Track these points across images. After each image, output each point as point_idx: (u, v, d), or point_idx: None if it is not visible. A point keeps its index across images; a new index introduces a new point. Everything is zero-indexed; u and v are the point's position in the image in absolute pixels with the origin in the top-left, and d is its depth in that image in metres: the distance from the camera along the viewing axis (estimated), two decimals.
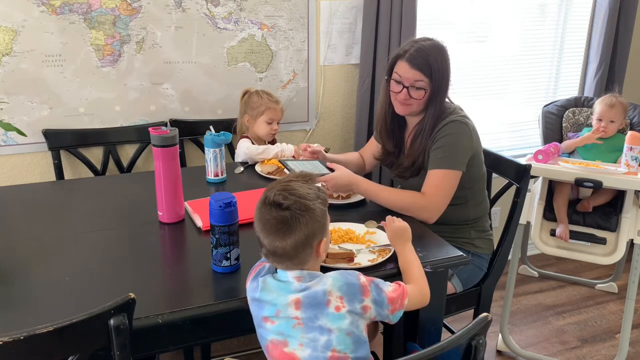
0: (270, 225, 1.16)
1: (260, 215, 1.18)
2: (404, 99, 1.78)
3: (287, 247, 1.15)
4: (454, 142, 1.76)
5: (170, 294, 1.31)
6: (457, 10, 2.75)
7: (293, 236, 1.14)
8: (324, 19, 2.47)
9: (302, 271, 1.18)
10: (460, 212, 1.88)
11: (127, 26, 2.21)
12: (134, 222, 1.67)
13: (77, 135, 2.25)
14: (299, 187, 1.19)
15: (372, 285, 1.19)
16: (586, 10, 2.99)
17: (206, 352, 2.22)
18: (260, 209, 1.19)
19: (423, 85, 1.75)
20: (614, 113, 2.38)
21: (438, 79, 1.76)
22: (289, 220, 1.14)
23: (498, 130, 3.07)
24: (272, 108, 2.26)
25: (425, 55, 1.74)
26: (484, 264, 1.95)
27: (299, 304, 1.14)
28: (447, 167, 1.74)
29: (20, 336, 0.93)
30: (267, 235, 1.16)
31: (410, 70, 1.75)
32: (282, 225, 1.15)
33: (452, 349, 1.02)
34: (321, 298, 1.14)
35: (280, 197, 1.16)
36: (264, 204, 1.18)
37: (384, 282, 1.23)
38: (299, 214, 1.15)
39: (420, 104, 1.79)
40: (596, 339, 2.50)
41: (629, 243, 2.29)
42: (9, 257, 1.44)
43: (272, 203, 1.16)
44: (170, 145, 1.60)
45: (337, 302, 1.14)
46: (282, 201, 1.15)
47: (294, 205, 1.15)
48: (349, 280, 1.16)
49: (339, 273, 1.19)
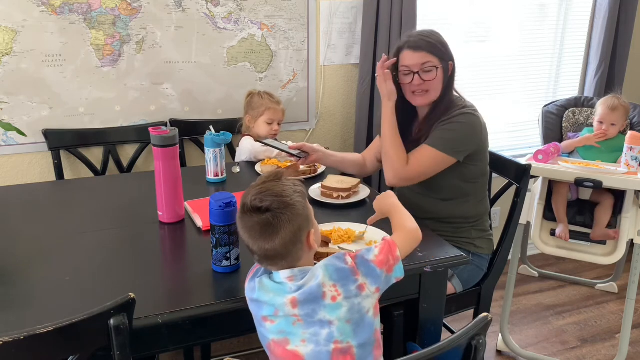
0: (255, 231, 1.14)
1: (243, 224, 1.17)
2: (418, 85, 1.78)
3: (277, 247, 1.13)
4: (459, 130, 1.76)
5: (170, 294, 1.31)
6: (457, 10, 2.75)
7: (280, 235, 1.13)
8: (324, 19, 2.47)
9: (293, 270, 1.16)
10: (462, 207, 1.88)
11: (127, 26, 2.21)
12: (134, 222, 1.67)
13: (77, 135, 2.25)
14: (273, 186, 1.17)
15: (358, 260, 1.17)
16: (586, 10, 2.99)
17: (206, 352, 2.22)
18: (241, 218, 1.17)
19: (432, 65, 1.77)
20: (616, 116, 2.37)
21: (445, 55, 1.79)
22: (271, 222, 1.13)
23: (498, 130, 3.07)
24: (272, 109, 2.26)
25: (424, 36, 1.79)
26: (484, 264, 1.95)
27: (295, 303, 1.13)
28: (440, 148, 1.75)
29: (20, 336, 0.93)
30: (255, 241, 1.15)
31: (415, 55, 1.77)
32: (267, 227, 1.13)
33: (452, 349, 1.02)
34: (317, 292, 1.12)
35: (257, 200, 1.14)
36: (244, 212, 1.16)
37: (369, 249, 1.20)
38: (280, 212, 1.13)
39: (436, 87, 1.80)
40: (596, 339, 2.50)
41: (629, 243, 2.29)
42: (9, 257, 1.44)
43: (251, 209, 1.15)
44: (170, 145, 1.60)
45: (332, 291, 1.13)
46: (260, 204, 1.14)
47: (273, 205, 1.13)
48: (338, 266, 1.15)
49: (328, 260, 1.17)
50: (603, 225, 2.29)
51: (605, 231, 2.28)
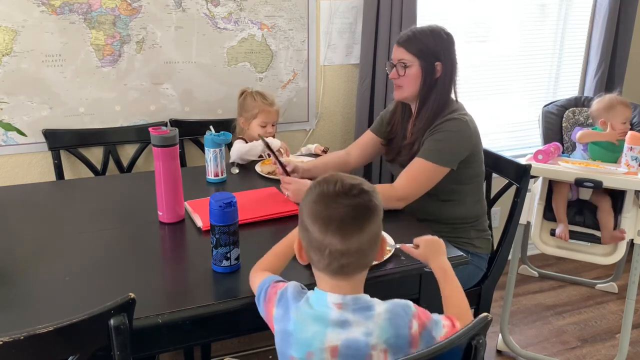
0: (341, 218, 0.96)
1: (325, 212, 0.97)
2: (392, 77, 1.84)
3: (363, 240, 0.97)
4: (450, 139, 1.76)
5: (170, 294, 1.31)
6: (457, 10, 2.75)
7: (372, 224, 0.97)
8: (324, 19, 2.47)
9: (345, 297, 1.00)
10: (458, 209, 1.88)
11: (127, 26, 2.21)
12: (134, 222, 1.67)
13: (77, 135, 2.25)
14: (344, 174, 1.03)
15: (425, 334, 1.03)
16: (586, 10, 2.99)
17: (206, 352, 2.22)
18: (321, 205, 0.98)
19: (407, 62, 1.79)
20: (630, 113, 2.39)
21: (427, 56, 1.78)
22: (367, 204, 0.97)
23: (498, 130, 3.07)
24: (265, 111, 2.23)
25: (413, 35, 1.80)
26: (483, 263, 1.95)
27: (335, 353, 0.98)
28: (433, 160, 1.74)
29: (20, 336, 0.93)
30: (337, 232, 0.96)
31: (397, 49, 1.82)
32: (361, 211, 0.96)
33: (452, 349, 1.02)
34: (363, 351, 0.99)
35: (348, 179, 0.97)
36: (329, 197, 0.97)
37: (437, 323, 1.06)
38: (374, 195, 0.98)
39: (409, 84, 1.81)
40: (596, 339, 2.50)
41: (629, 243, 2.29)
42: (9, 257, 1.44)
43: (340, 191, 0.97)
44: (170, 145, 1.60)
45: (380, 356, 0.99)
46: (353, 182, 0.97)
47: (365, 185, 0.98)
48: (399, 332, 1.00)
49: (390, 317, 1.00)
50: (610, 228, 2.29)
51: (613, 234, 2.28)
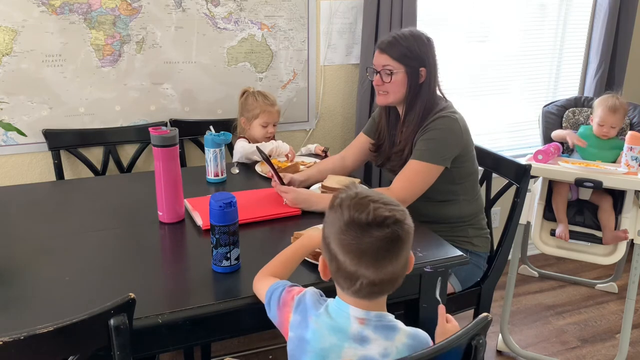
0: (374, 250, 0.93)
1: (357, 245, 0.94)
2: (376, 84, 1.83)
3: (397, 268, 0.95)
4: (441, 137, 1.76)
5: (170, 294, 1.31)
6: (457, 10, 2.75)
7: (405, 250, 0.96)
8: (324, 19, 2.47)
9: (369, 312, 0.99)
10: (453, 208, 1.88)
11: (127, 26, 2.21)
12: (134, 222, 1.67)
13: (77, 135, 2.25)
14: (373, 193, 0.98)
15: None
16: (586, 10, 2.99)
17: (206, 352, 2.22)
18: (351, 236, 0.94)
19: (392, 68, 1.78)
20: (616, 119, 2.36)
21: (412, 62, 1.77)
22: (400, 235, 0.94)
23: (498, 130, 3.07)
24: (267, 111, 2.24)
25: (395, 41, 1.79)
26: (482, 262, 1.95)
27: None
28: (427, 160, 1.74)
29: (20, 336, 0.93)
30: (371, 265, 0.93)
31: (380, 56, 1.81)
32: (394, 243, 0.94)
33: (452, 349, 1.02)
34: None
35: (383, 210, 0.94)
36: (360, 228, 0.93)
37: None
38: (407, 224, 0.96)
39: (395, 90, 1.81)
40: (596, 339, 2.50)
41: (629, 243, 2.29)
42: (9, 257, 1.44)
43: (372, 222, 0.93)
44: (170, 145, 1.60)
45: None
46: (389, 214, 0.94)
47: (398, 215, 0.95)
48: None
49: (411, 345, 0.99)
50: (611, 228, 2.29)
51: (615, 234, 2.28)
